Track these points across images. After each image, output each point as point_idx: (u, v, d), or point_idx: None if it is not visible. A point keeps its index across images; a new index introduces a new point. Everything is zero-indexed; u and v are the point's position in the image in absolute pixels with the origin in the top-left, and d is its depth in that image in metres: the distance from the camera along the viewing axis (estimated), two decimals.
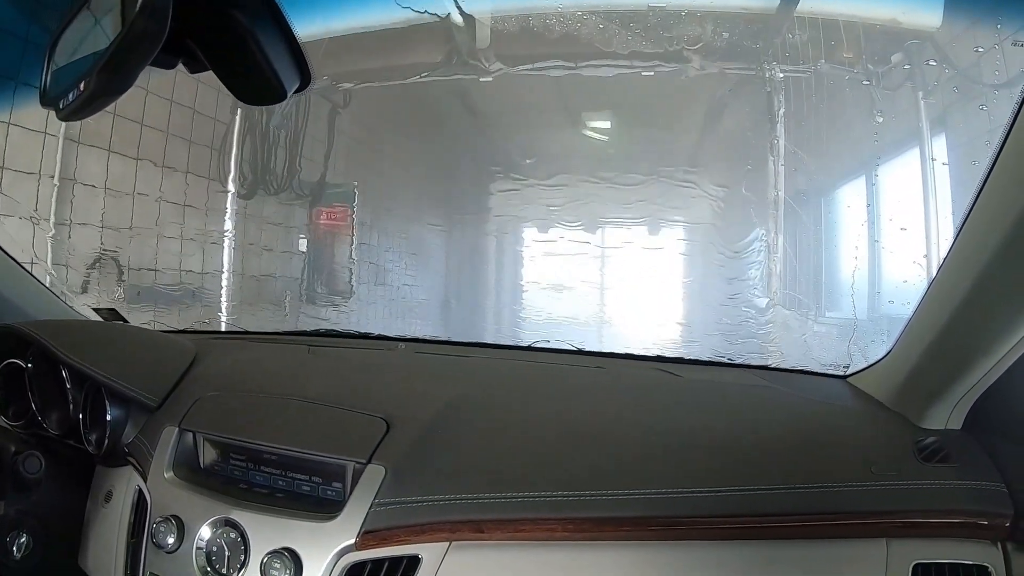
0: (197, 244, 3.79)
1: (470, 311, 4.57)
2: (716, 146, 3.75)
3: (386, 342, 2.01)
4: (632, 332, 3.38)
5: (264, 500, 1.33)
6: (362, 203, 4.46)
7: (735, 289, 3.36)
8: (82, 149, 3.12)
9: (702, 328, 3.26)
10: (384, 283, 4.74)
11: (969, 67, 2.43)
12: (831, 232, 3.22)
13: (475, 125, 3.70)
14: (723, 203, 3.55)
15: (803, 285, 3.29)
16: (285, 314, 4.24)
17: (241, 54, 0.76)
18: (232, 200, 3.97)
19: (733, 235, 3.64)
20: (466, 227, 4.60)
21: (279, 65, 0.77)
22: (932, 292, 1.17)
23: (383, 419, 1.36)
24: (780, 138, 3.22)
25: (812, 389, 1.57)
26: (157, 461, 1.43)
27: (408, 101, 3.96)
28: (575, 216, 3.89)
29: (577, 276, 3.75)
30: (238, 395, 1.57)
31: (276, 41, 0.77)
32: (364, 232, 4.51)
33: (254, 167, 4.12)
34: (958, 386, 1.18)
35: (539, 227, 3.97)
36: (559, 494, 1.18)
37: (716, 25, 3.03)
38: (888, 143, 2.89)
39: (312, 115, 4.30)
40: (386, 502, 1.21)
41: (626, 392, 1.55)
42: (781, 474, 1.18)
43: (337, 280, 4.39)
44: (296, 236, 4.42)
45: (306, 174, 4.32)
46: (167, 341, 1.87)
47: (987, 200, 0.97)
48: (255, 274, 4.14)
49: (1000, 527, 1.11)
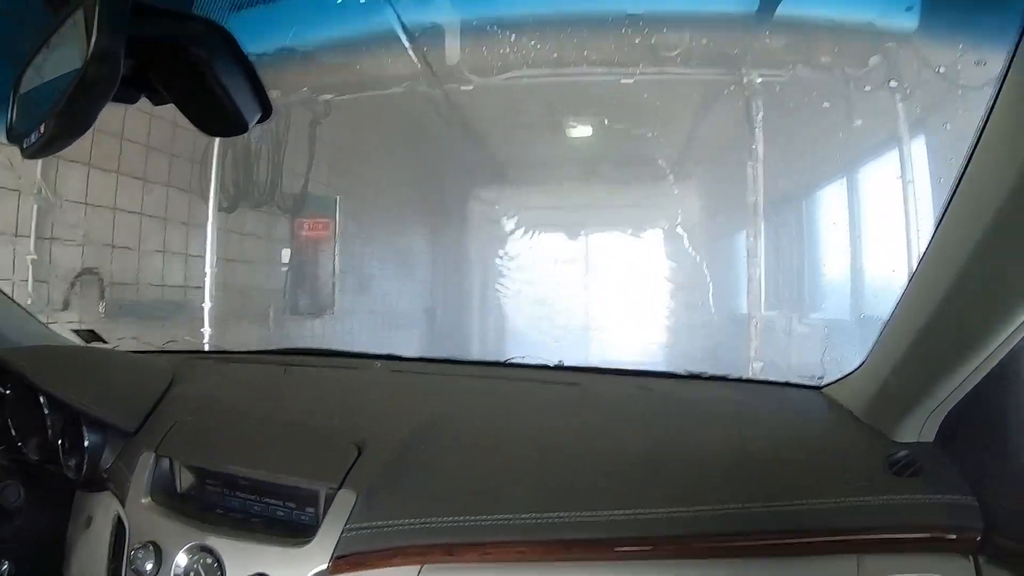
0: (179, 258, 3.77)
1: (453, 319, 4.58)
2: (696, 150, 3.77)
3: (363, 360, 2.00)
4: (613, 336, 3.38)
5: (239, 525, 1.32)
6: (344, 213, 4.47)
7: (710, 291, 3.38)
8: (63, 164, 3.11)
9: (684, 331, 3.27)
10: (367, 293, 4.74)
11: (947, 71, 2.45)
12: (811, 237, 3.25)
13: (456, 133, 3.70)
14: (704, 207, 3.58)
15: (783, 289, 3.31)
16: (268, 327, 4.23)
17: (201, 88, 0.76)
18: (214, 213, 3.95)
19: (713, 238, 3.67)
20: (449, 234, 4.61)
21: (239, 98, 0.78)
22: (904, 303, 1.16)
23: (355, 443, 1.35)
24: (759, 143, 3.23)
25: (787, 401, 1.58)
26: (135, 487, 1.43)
27: (389, 111, 3.96)
28: (556, 222, 3.91)
29: (559, 282, 3.77)
30: (214, 419, 1.56)
31: (234, 74, 0.77)
32: (346, 242, 4.51)
33: (236, 180, 4.12)
34: (930, 398, 1.17)
35: (521, 233, 3.98)
36: (530, 516, 1.18)
37: (695, 31, 3.04)
38: (865, 148, 2.92)
39: (293, 127, 4.30)
40: (357, 527, 1.20)
41: (600, 410, 1.54)
42: (754, 492, 1.18)
43: (319, 292, 4.39)
44: (278, 248, 4.41)
45: (288, 186, 4.31)
46: (144, 364, 1.86)
47: (956, 212, 0.97)
48: (238, 287, 4.13)
49: (971, 541, 1.11)
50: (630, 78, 3.22)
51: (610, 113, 3.60)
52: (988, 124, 0.87)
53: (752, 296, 3.24)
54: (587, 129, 3.87)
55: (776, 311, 3.27)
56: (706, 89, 3.42)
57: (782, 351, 3.15)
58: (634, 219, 3.58)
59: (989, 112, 0.86)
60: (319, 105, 4.18)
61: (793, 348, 3.12)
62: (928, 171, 2.66)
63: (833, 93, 3.00)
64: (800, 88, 3.12)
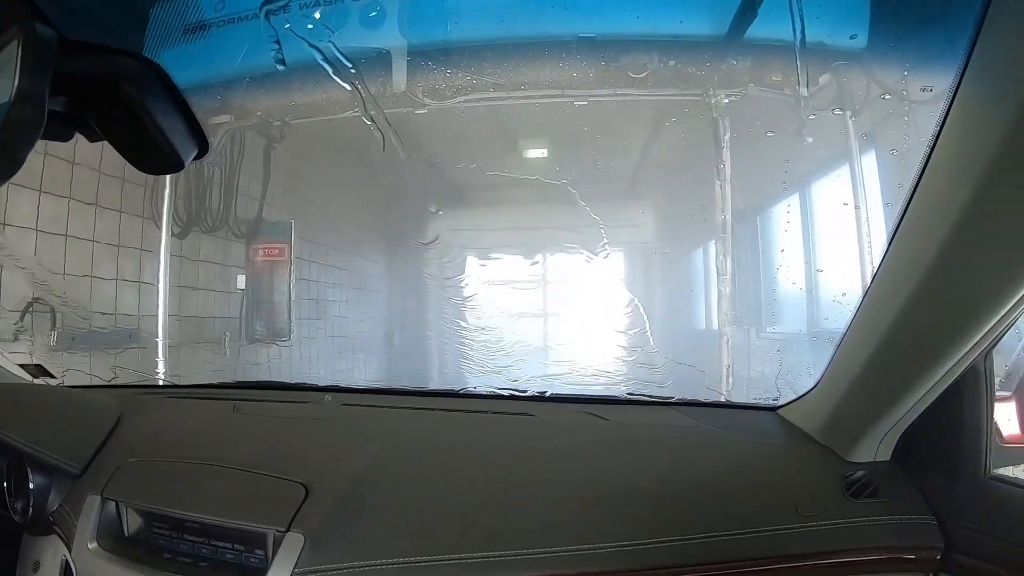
0: (132, 286, 3.71)
1: (410, 343, 4.55)
2: (652, 170, 3.80)
3: (313, 393, 1.97)
4: (570, 358, 3.38)
5: (188, 570, 1.30)
6: (300, 238, 4.43)
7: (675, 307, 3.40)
8: (12, 189, 3.04)
9: (644, 352, 3.27)
10: (324, 318, 4.70)
11: (895, 86, 2.49)
12: (768, 255, 3.28)
13: (410, 157, 3.69)
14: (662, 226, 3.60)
15: (744, 306, 3.33)
16: (225, 354, 4.17)
17: (134, 125, 0.73)
18: (167, 239, 3.89)
19: (672, 257, 3.69)
20: (405, 257, 4.59)
21: (174, 136, 0.75)
22: (857, 323, 1.17)
23: (302, 484, 1.34)
24: (726, 163, 3.26)
25: (742, 423, 1.57)
26: (81, 531, 1.39)
27: (343, 135, 3.94)
28: (513, 242, 3.90)
29: (516, 303, 3.76)
30: (161, 461, 1.53)
31: (168, 112, 0.75)
32: (303, 267, 4.47)
33: (188, 205, 4.06)
34: (885, 418, 1.19)
35: (478, 255, 3.98)
36: (481, 555, 1.17)
37: (650, 52, 3.06)
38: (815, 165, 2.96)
39: (247, 151, 4.26)
40: (305, 571, 1.19)
41: (554, 442, 1.53)
42: (711, 521, 1.18)
43: (276, 318, 4.34)
44: (234, 274, 4.36)
45: (242, 210, 4.26)
46: (90, 403, 1.82)
47: (906, 233, 0.98)
48: (192, 315, 4.07)
49: (931, 560, 1.12)
50: (584, 100, 3.25)
51: (564, 134, 3.62)
52: (937, 144, 0.89)
53: (721, 313, 3.27)
54: (542, 151, 3.89)
55: (740, 327, 3.30)
56: (663, 109, 3.45)
57: (756, 368, 3.17)
58: (591, 239, 3.58)
59: (938, 133, 0.88)
60: (273, 129, 4.15)
61: (759, 365, 3.14)
62: (879, 193, 2.70)
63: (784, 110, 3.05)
64: (751, 107, 3.16)
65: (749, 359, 3.27)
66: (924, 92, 2.10)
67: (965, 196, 0.83)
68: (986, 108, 0.79)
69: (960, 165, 0.85)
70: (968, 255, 0.89)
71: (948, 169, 0.88)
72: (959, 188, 0.84)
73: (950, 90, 0.84)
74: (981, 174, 0.80)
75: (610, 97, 3.22)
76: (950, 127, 0.86)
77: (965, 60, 0.81)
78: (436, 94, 3.22)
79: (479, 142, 3.75)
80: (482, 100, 3.23)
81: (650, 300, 3.48)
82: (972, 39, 0.79)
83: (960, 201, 0.84)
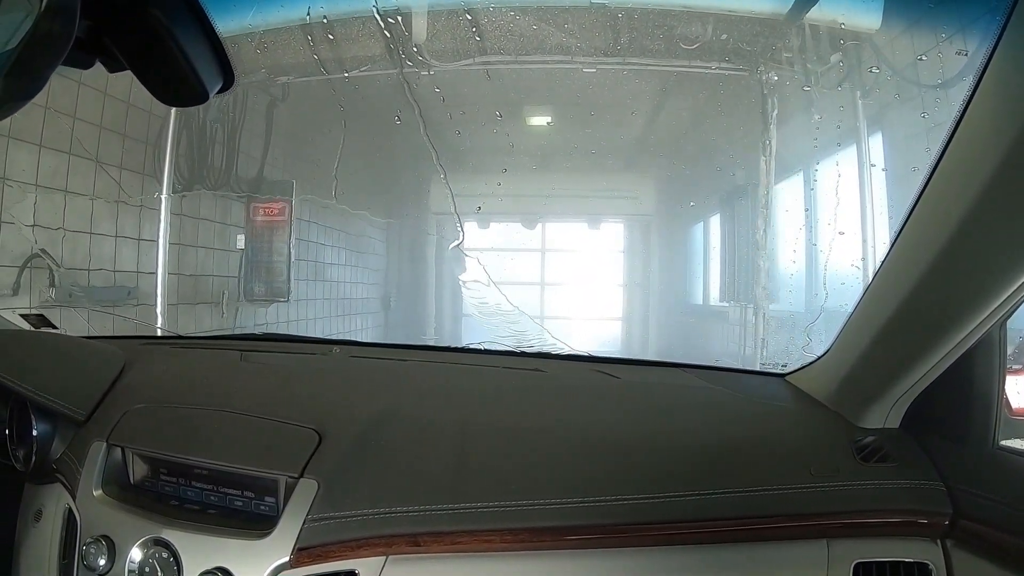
0: (132, 242, 3.68)
1: (409, 306, 4.55)
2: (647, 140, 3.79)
3: (320, 346, 1.96)
4: (571, 326, 3.38)
5: (196, 517, 1.28)
6: (301, 197, 4.40)
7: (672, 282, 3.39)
8: (12, 144, 3.00)
9: (642, 320, 3.27)
10: (323, 279, 4.68)
11: (907, 69, 2.47)
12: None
13: (414, 119, 3.66)
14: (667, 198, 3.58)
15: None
16: (222, 313, 4.15)
17: (160, 53, 0.71)
18: (168, 196, 3.86)
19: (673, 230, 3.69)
20: (406, 220, 4.57)
21: (200, 65, 0.73)
22: (871, 293, 1.17)
23: (315, 430, 1.32)
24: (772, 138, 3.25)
25: (751, 388, 1.57)
26: (85, 478, 1.37)
27: (346, 95, 3.90)
28: (515, 209, 3.89)
29: (517, 270, 3.75)
30: (168, 407, 1.50)
31: (197, 40, 0.72)
32: (303, 227, 4.45)
33: (190, 162, 4.02)
34: (896, 386, 1.19)
35: (479, 221, 3.96)
36: (496, 504, 1.16)
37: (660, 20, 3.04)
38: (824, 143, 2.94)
39: (250, 109, 4.22)
40: (320, 517, 1.18)
41: (564, 396, 1.53)
42: (720, 478, 1.18)
43: (275, 278, 4.32)
44: (233, 233, 4.33)
45: (243, 169, 4.23)
46: (95, 350, 1.78)
47: (926, 205, 0.97)
48: (191, 273, 4.04)
49: (939, 525, 1.12)
50: (592, 67, 3.22)
51: (571, 102, 3.60)
52: (963, 120, 0.88)
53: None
54: (546, 118, 3.87)
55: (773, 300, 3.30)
56: (665, 81, 3.43)
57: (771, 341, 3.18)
58: (595, 208, 3.57)
59: (964, 108, 0.87)
60: (276, 87, 4.11)
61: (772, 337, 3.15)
62: (889, 168, 2.69)
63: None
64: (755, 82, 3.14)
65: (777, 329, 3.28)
66: (959, 56, 2.08)
67: (989, 166, 0.83)
68: (1018, 80, 0.78)
69: (987, 135, 0.84)
70: (988, 225, 0.88)
71: (974, 139, 0.87)
72: (984, 158, 0.84)
73: (984, 58, 0.83)
74: (1007, 145, 0.80)
75: (619, 66, 3.19)
76: (980, 96, 0.84)
77: (1004, 22, 0.80)
78: (444, 55, 3.19)
79: (487, 104, 3.71)
80: (491, 64, 3.20)
81: (663, 269, 3.48)
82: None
83: (984, 171, 0.84)
